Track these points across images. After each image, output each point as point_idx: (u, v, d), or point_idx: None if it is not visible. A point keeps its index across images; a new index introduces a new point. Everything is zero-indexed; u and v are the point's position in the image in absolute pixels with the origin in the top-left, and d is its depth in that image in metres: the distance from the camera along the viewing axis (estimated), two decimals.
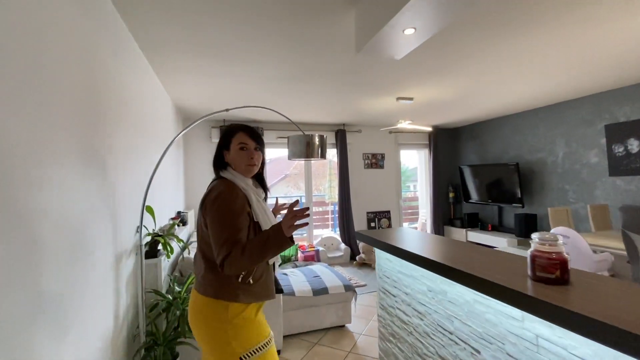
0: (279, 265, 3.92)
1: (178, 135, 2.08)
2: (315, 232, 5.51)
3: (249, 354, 1.12)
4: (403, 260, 1.54)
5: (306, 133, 2.55)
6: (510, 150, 5.04)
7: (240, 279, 1.15)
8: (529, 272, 1.01)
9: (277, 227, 1.09)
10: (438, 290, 1.35)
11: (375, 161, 5.65)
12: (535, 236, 1.01)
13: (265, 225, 1.19)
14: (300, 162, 12.08)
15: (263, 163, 1.33)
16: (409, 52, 1.87)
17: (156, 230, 2.23)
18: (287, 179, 11.51)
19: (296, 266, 3.86)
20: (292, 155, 2.60)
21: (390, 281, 1.74)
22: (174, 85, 3.08)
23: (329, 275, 3.09)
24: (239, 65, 2.61)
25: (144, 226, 2.06)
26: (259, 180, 1.36)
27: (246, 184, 1.24)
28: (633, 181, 3.56)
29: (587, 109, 3.99)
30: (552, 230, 2.77)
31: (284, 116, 2.58)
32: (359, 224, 5.46)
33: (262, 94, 3.46)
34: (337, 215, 5.39)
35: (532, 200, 4.70)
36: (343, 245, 5.07)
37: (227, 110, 2.20)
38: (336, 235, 5.39)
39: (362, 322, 2.98)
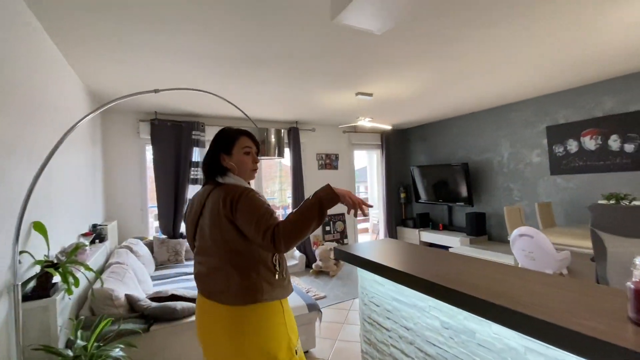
0: None
1: (82, 119, 1.47)
2: None
3: (297, 348, 1.15)
4: (402, 285, 1.20)
5: (260, 127, 2.11)
6: (458, 151, 5.16)
7: (276, 277, 1.13)
8: (631, 312, 0.73)
9: (325, 186, 1.09)
10: (460, 328, 1.03)
11: (329, 162, 5.35)
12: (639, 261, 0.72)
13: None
14: None
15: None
16: (393, 25, 1.55)
17: (51, 255, 1.57)
18: None
19: None
20: None
21: (381, 310, 1.39)
22: (84, 61, 2.36)
23: (291, 297, 2.66)
24: (175, 36, 2.04)
25: (28, 252, 1.42)
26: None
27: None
28: (572, 179, 3.81)
29: (530, 112, 4.20)
30: (515, 231, 2.74)
31: (233, 105, 2.11)
32: None
33: (203, 80, 2.89)
34: None
35: (481, 199, 4.85)
36: (297, 253, 4.66)
37: (155, 91, 1.65)
38: None
39: (328, 343, 2.62)
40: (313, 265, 4.39)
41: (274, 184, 9.21)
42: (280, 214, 6.46)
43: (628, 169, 3.34)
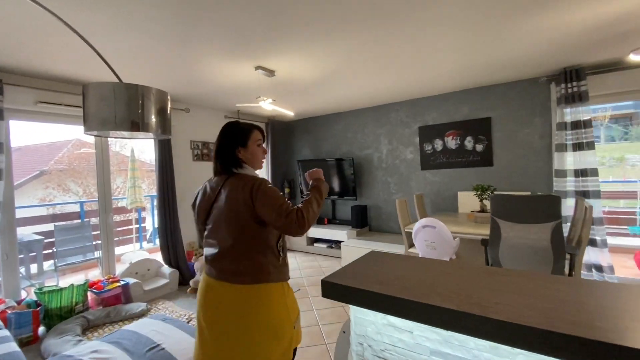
0: None
1: None
2: (116, 251, 3.65)
3: (296, 324, 1.27)
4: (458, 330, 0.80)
5: (127, 83, 1.34)
6: (343, 146, 5.24)
7: (280, 261, 1.25)
8: None
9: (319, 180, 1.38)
10: None
11: (207, 152, 4.43)
12: None
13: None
14: (72, 153, 8.44)
15: None
16: None
17: None
18: (46, 178, 7.72)
19: (110, 329, 2.23)
20: (97, 125, 1.33)
21: None
22: None
23: (177, 337, 1.84)
24: None
25: None
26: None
27: None
28: (438, 174, 4.40)
29: (405, 112, 4.62)
30: (419, 223, 2.84)
31: (79, 36, 1.20)
32: (188, 234, 4.11)
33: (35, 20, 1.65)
34: (157, 226, 3.80)
35: (362, 193, 5.08)
36: (167, 269, 3.60)
37: None
38: (152, 255, 3.79)
39: None
40: (191, 282, 3.47)
41: (120, 178, 7.19)
42: (133, 218, 4.99)
43: (478, 164, 4.09)
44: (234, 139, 1.33)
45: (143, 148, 8.35)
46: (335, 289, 1.03)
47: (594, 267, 3.31)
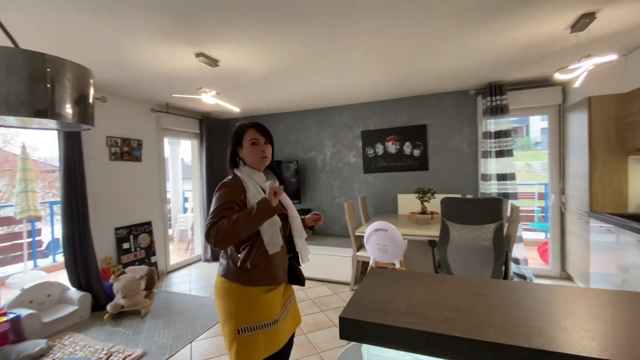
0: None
1: None
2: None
3: (247, 329, 1.27)
4: None
5: (37, 52, 1.00)
6: (285, 148, 5.05)
7: (239, 264, 1.30)
8: None
9: (263, 199, 1.25)
10: None
11: (128, 150, 3.78)
12: None
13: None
14: None
15: (273, 155, 1.49)
16: None
17: None
18: None
19: None
20: None
21: None
22: None
23: None
24: None
25: None
26: (273, 170, 1.52)
27: (253, 178, 1.39)
28: (379, 177, 4.52)
29: (348, 116, 4.65)
30: (371, 226, 2.82)
31: None
32: (103, 247, 3.43)
33: None
34: (62, 238, 3.05)
35: (306, 196, 4.95)
36: (75, 292, 2.93)
37: None
38: (53, 275, 3.05)
39: None
40: (108, 307, 2.88)
41: (3, 181, 5.82)
42: (24, 230, 4.01)
43: (416, 169, 4.32)
44: (233, 141, 1.46)
45: (36, 143, 6.89)
46: (361, 329, 0.80)
47: (513, 260, 3.76)
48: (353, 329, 0.79)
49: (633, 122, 2.82)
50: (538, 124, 18.24)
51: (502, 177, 3.78)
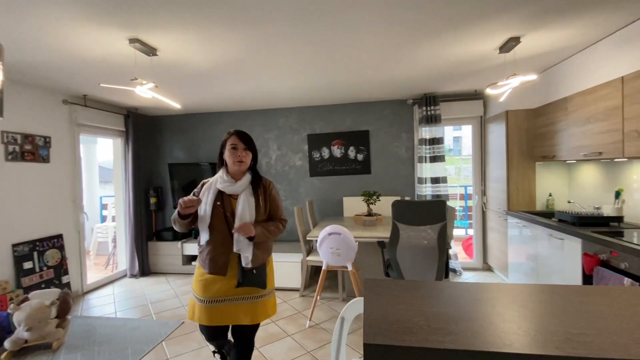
0: None
1: None
2: None
3: (191, 290, 1.68)
4: None
5: None
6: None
7: (200, 249, 1.66)
8: None
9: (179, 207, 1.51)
10: None
11: (31, 149, 3.10)
12: None
13: (200, 210, 1.61)
14: None
15: (255, 159, 1.71)
16: None
17: None
18: None
19: None
20: None
21: None
22: None
23: None
24: None
25: None
26: (254, 172, 1.72)
27: (222, 180, 1.62)
28: (325, 181, 4.55)
29: (294, 119, 4.59)
30: (325, 230, 2.79)
31: None
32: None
33: None
34: None
35: None
36: None
37: None
38: None
39: None
40: (7, 344, 2.29)
41: None
42: None
43: (359, 172, 4.46)
44: (221, 144, 1.67)
45: None
46: (393, 356, 0.71)
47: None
48: (383, 356, 0.72)
49: (539, 134, 3.34)
50: (451, 133, 20.74)
51: (435, 180, 4.12)
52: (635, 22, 2.12)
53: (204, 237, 1.60)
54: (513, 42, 2.34)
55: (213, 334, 1.69)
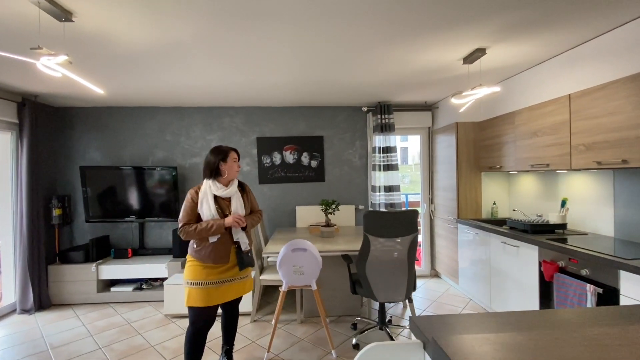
0: None
1: None
2: None
3: (185, 282, 1.97)
4: None
5: None
6: (158, 151, 4.06)
7: (194, 246, 1.98)
8: None
9: (221, 222, 1.94)
10: None
11: None
12: None
13: (204, 215, 1.95)
14: None
15: None
16: None
17: None
18: None
19: None
20: None
21: None
22: None
23: None
24: None
25: None
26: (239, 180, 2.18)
27: (217, 187, 1.99)
28: (275, 188, 4.19)
29: (241, 119, 4.15)
30: (287, 247, 2.44)
31: None
32: None
33: None
34: None
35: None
36: None
37: None
38: None
39: None
40: None
41: None
42: None
43: (313, 180, 4.21)
44: (219, 157, 2.04)
45: None
46: None
47: None
48: None
49: (484, 146, 3.53)
50: (399, 144, 22.06)
51: (389, 189, 4.10)
52: (582, 45, 2.31)
53: (214, 236, 1.95)
54: (479, 53, 2.37)
55: (206, 322, 1.98)
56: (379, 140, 4.08)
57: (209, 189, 1.97)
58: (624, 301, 1.75)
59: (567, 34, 2.15)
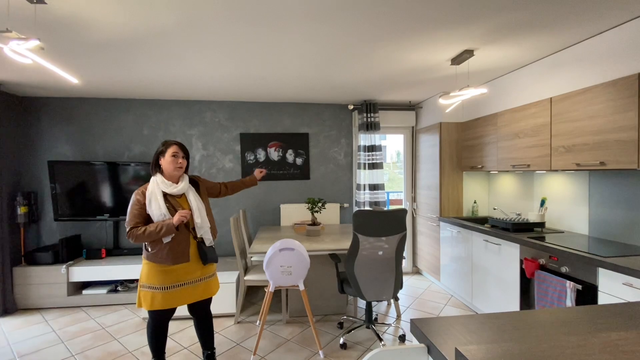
0: None
1: None
2: None
3: (143, 286, 1.88)
4: None
5: None
6: (135, 145, 3.85)
7: (145, 247, 1.89)
8: None
9: (169, 221, 1.81)
10: None
11: None
12: None
13: (154, 216, 1.83)
14: None
15: (187, 165, 2.01)
16: None
17: None
18: None
19: None
20: None
21: None
22: None
23: None
24: None
25: None
26: (189, 176, 2.09)
27: (166, 184, 1.88)
28: (260, 186, 4.10)
29: (224, 114, 4.02)
30: (275, 247, 2.38)
31: None
32: None
33: None
34: None
35: None
36: None
37: None
38: None
39: None
40: None
41: None
42: None
43: (298, 177, 4.16)
44: (158, 150, 1.95)
45: None
46: None
47: None
48: None
49: (467, 146, 3.62)
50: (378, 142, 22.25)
51: (373, 187, 4.12)
52: (564, 49, 2.40)
53: (168, 237, 1.84)
54: (467, 54, 2.40)
55: (167, 317, 1.95)
56: (364, 139, 4.08)
57: (157, 186, 1.86)
58: (602, 297, 1.83)
59: (550, 39, 2.22)
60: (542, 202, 2.81)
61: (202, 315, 2.10)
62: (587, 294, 1.92)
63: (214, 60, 2.58)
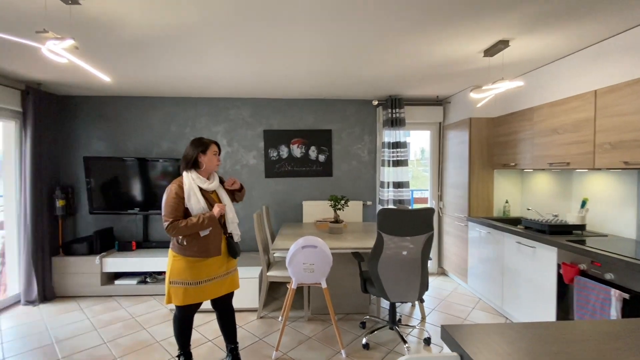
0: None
1: None
2: None
3: (171, 282, 1.91)
4: None
5: None
6: (163, 142, 3.97)
7: (178, 241, 1.90)
8: None
9: (211, 214, 1.90)
10: None
11: None
12: None
13: (193, 210, 1.89)
14: None
15: None
16: None
17: None
18: None
19: None
20: None
21: None
22: None
23: None
24: None
25: None
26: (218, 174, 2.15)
27: (201, 180, 1.96)
28: (282, 182, 4.11)
29: (248, 111, 4.05)
30: (297, 244, 2.37)
31: None
32: None
33: None
34: None
35: None
36: None
37: None
38: None
39: None
40: None
41: None
42: None
43: (320, 174, 4.13)
44: (199, 149, 2.00)
45: None
46: None
47: None
48: None
49: (498, 142, 3.43)
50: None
51: (398, 185, 4.01)
52: (610, 38, 2.20)
53: (206, 230, 1.91)
54: (502, 45, 2.26)
55: (194, 310, 2.02)
56: (388, 135, 3.98)
57: (193, 182, 1.92)
58: None
59: (595, 26, 2.04)
60: (583, 203, 2.61)
61: (224, 309, 2.14)
62: (636, 304, 1.76)
63: (241, 59, 2.59)
